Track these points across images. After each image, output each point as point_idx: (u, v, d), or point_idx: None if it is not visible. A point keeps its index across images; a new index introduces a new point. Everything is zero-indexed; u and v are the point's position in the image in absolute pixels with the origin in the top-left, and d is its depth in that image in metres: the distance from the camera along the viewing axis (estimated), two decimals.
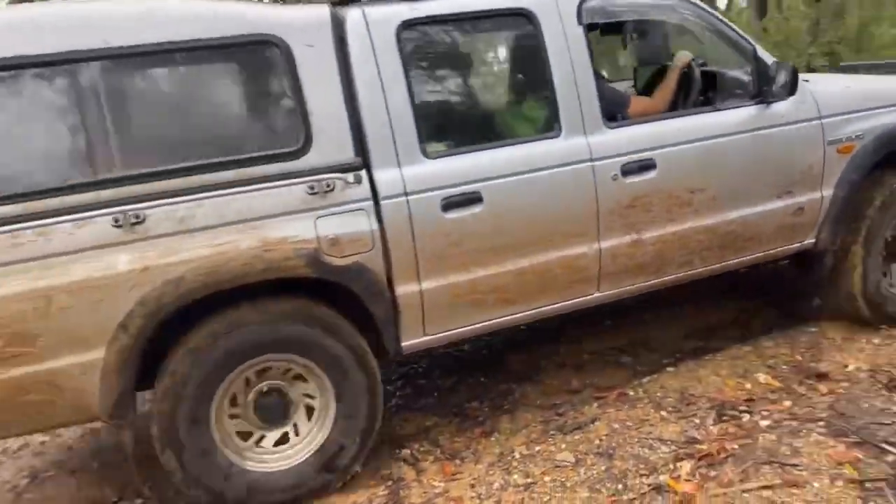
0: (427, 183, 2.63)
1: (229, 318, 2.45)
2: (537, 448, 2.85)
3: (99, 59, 2.27)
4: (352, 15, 2.59)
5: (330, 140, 2.51)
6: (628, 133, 2.93)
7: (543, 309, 2.96)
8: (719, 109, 3.10)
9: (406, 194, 2.60)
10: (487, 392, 3.52)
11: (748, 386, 3.13)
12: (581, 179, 2.82)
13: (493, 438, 3.05)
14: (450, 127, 2.87)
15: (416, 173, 2.61)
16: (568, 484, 2.57)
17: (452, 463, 2.88)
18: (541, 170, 2.77)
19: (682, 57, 3.27)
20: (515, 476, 2.68)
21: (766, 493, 2.32)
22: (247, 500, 2.55)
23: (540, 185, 2.77)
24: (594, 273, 2.96)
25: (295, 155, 2.47)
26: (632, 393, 3.23)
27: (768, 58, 3.17)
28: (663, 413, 2.98)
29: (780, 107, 3.13)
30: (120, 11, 2.39)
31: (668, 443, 2.74)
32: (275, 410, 2.62)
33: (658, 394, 3.16)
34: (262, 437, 2.65)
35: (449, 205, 2.65)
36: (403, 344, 2.75)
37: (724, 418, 2.88)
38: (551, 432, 2.96)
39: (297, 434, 2.66)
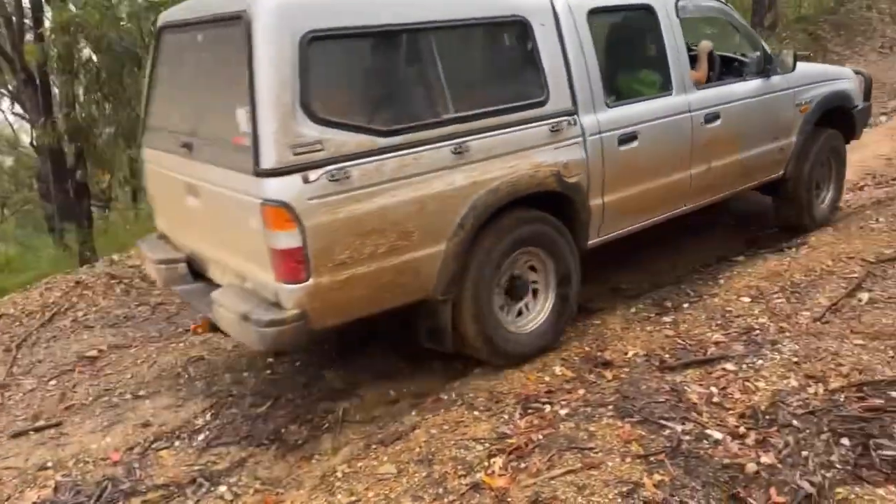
0: (610, 125, 3.62)
1: (512, 219, 3.31)
2: (359, 464, 2.87)
3: (438, 30, 3.10)
4: (559, 2, 3.49)
5: (558, 93, 3.42)
6: (706, 94, 4.15)
7: (663, 216, 4.13)
8: (746, 80, 4.43)
9: (599, 133, 3.58)
10: (306, 413, 3.47)
11: (547, 379, 3.41)
12: (685, 125, 3.99)
13: (314, 461, 3.01)
14: (618, 85, 3.87)
15: (603, 118, 3.59)
16: (392, 496, 2.62)
17: (274, 493, 2.80)
18: (664, 117, 3.89)
19: (706, 44, 4.44)
20: (339, 496, 2.67)
21: (569, 477, 2.55)
22: (509, 351, 3.43)
23: (665, 127, 3.89)
24: (687, 191, 4.16)
25: (541, 104, 3.36)
26: (445, 397, 3.37)
27: (767, 47, 4.60)
28: (476, 413, 3.15)
29: (775, 80, 4.52)
30: None
31: (482, 441, 2.90)
32: (520, 290, 3.50)
33: (470, 395, 3.33)
34: (509, 310, 3.52)
35: (621, 140, 3.67)
36: (588, 242, 3.73)
37: (529, 411, 3.11)
38: (373, 446, 3.00)
39: (528, 309, 3.57)
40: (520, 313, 3.55)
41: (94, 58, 8.17)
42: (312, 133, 2.68)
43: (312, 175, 2.66)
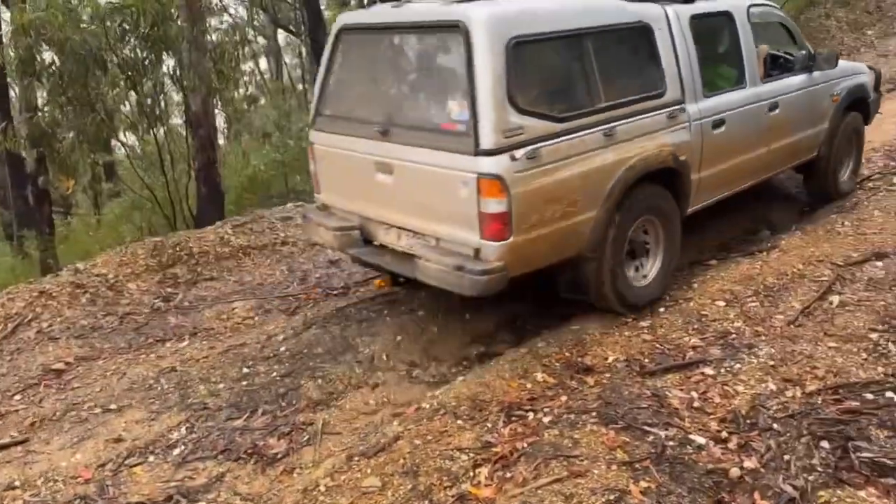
0: (706, 112, 4.33)
1: (640, 190, 3.92)
2: (342, 477, 2.82)
3: (593, 34, 3.77)
4: (669, 9, 4.17)
5: (672, 86, 4.11)
6: (768, 87, 4.90)
7: (735, 190, 4.87)
8: (796, 74, 5.17)
9: (700, 119, 4.27)
10: (284, 425, 3.40)
11: (529, 385, 3.40)
12: (757, 112, 4.75)
13: (295, 475, 2.95)
14: (711, 78, 4.51)
15: (702, 106, 4.30)
16: None
17: None
18: (742, 106, 4.62)
19: (764, 47, 5.02)
20: None
21: (556, 486, 2.54)
22: (630, 302, 4.05)
23: (743, 114, 4.64)
24: (757, 167, 4.95)
25: (661, 95, 4.04)
26: (427, 406, 3.33)
27: (811, 47, 5.54)
28: (459, 422, 3.12)
29: (815, 75, 5.29)
30: (594, 5, 3.95)
31: (467, 451, 2.88)
32: (638, 250, 4.16)
33: (452, 403, 3.29)
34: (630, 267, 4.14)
35: (713, 125, 4.38)
36: (687, 210, 4.39)
37: (513, 419, 3.10)
38: (355, 458, 2.95)
39: (642, 266, 4.21)
40: (636, 269, 4.20)
41: (57, 61, 7.92)
42: (516, 120, 3.39)
43: (517, 154, 3.37)
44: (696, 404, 3.03)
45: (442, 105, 3.56)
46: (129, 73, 8.19)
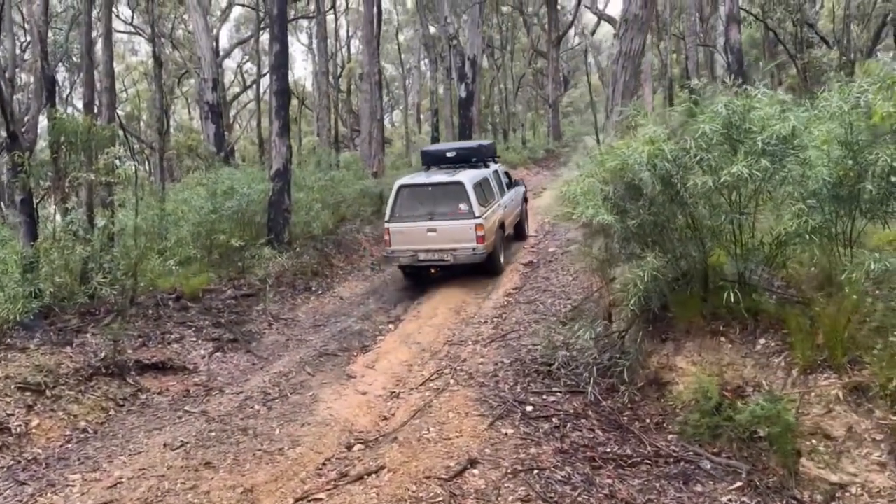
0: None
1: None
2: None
3: (490, 178, 12.91)
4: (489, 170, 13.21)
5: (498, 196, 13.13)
6: (506, 195, 13.72)
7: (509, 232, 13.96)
8: (511, 187, 14.58)
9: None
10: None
11: None
12: (504, 203, 13.27)
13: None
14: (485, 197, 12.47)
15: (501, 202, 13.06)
16: None
17: None
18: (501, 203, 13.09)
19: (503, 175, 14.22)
20: None
21: None
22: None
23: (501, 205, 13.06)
24: (511, 223, 13.86)
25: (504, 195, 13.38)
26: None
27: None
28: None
29: (517, 188, 15.07)
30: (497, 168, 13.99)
31: None
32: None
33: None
34: None
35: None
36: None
37: None
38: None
39: None
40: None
41: None
42: (480, 207, 11.44)
43: (480, 217, 11.22)
44: None
45: (457, 205, 11.19)
46: None
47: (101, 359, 7.34)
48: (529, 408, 6.34)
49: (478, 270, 11.31)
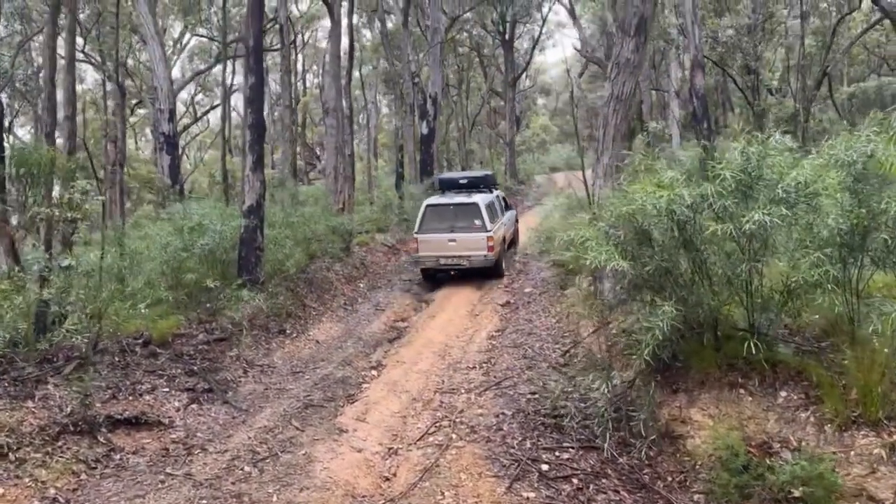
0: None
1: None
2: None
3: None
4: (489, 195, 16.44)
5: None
6: (505, 215, 17.41)
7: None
8: (507, 210, 18.17)
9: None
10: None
11: None
12: (504, 222, 16.81)
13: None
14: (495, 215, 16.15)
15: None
16: None
17: None
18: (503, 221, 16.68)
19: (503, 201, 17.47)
20: None
21: None
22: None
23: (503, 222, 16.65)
24: (508, 237, 17.23)
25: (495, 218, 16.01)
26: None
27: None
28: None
29: (510, 211, 18.96)
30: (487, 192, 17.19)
31: None
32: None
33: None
34: None
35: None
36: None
37: None
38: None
39: None
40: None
41: None
42: (491, 223, 14.84)
43: (491, 231, 14.57)
44: None
45: (473, 221, 14.37)
46: None
47: (67, 414, 6.64)
48: (545, 466, 6.00)
49: (483, 274, 14.78)
